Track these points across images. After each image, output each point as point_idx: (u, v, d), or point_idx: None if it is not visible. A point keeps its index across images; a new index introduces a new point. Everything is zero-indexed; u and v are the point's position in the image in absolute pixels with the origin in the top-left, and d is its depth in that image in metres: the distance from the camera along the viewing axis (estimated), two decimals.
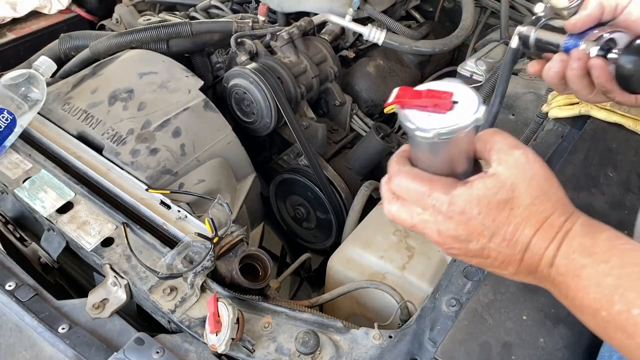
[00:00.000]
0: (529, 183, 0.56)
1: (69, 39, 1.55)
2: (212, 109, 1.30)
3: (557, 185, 0.58)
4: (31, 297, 0.94)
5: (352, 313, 1.14)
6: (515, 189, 0.56)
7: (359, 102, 1.66)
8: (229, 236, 0.98)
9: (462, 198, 0.56)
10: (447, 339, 0.75)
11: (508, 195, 0.56)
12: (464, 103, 0.54)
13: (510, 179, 0.56)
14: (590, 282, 0.53)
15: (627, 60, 0.70)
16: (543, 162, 0.58)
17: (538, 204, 0.56)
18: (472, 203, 0.56)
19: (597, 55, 0.73)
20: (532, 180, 0.56)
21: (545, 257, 0.56)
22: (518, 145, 0.58)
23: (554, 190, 0.57)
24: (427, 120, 0.54)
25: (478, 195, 0.56)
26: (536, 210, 0.56)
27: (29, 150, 1.17)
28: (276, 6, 1.72)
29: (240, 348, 0.85)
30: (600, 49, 0.73)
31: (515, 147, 0.58)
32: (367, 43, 1.71)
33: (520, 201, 0.56)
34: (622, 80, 0.72)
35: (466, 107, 0.54)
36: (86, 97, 1.28)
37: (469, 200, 0.56)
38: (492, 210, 0.56)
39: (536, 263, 0.57)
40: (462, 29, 1.64)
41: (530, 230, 0.56)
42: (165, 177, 1.16)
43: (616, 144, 1.02)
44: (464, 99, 0.55)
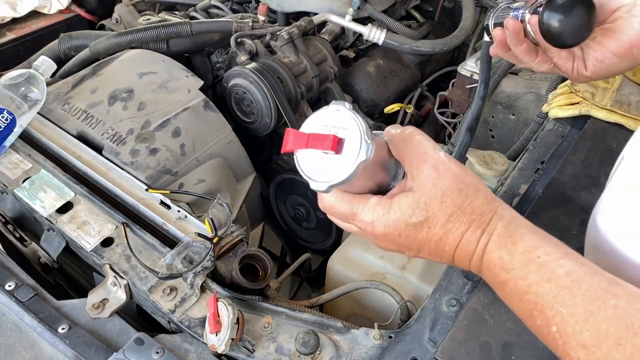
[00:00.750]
0: (441, 200, 0.56)
1: (69, 38, 1.55)
2: (212, 109, 1.30)
3: (473, 192, 0.57)
4: (31, 297, 0.94)
5: (352, 313, 1.14)
6: (429, 208, 0.56)
7: (359, 102, 1.66)
8: (229, 236, 0.98)
9: (382, 223, 0.58)
10: (447, 339, 0.75)
11: (423, 216, 0.57)
12: (350, 138, 0.54)
13: (423, 198, 0.56)
14: (513, 297, 0.55)
15: (547, 14, 0.73)
16: (456, 168, 0.57)
17: (453, 220, 0.56)
18: (392, 227, 0.58)
19: (531, 15, 0.77)
20: (445, 197, 0.56)
21: (472, 267, 0.58)
22: (427, 156, 0.58)
23: (469, 200, 0.57)
24: (320, 167, 0.55)
25: (395, 220, 0.57)
26: (452, 228, 0.57)
27: (28, 150, 1.17)
28: (276, 6, 1.72)
29: (240, 348, 0.85)
30: (533, 12, 0.77)
31: (425, 160, 0.57)
32: (367, 43, 1.71)
33: (436, 220, 0.57)
34: (545, 35, 0.75)
35: (353, 144, 0.53)
36: (86, 97, 1.28)
37: (388, 225, 0.58)
38: (412, 232, 0.57)
39: (466, 267, 0.59)
40: (462, 28, 1.64)
41: (450, 247, 0.57)
42: (165, 177, 1.16)
43: (616, 144, 1.02)
44: (350, 133, 0.54)
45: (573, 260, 0.53)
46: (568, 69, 0.82)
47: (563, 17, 0.72)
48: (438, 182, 0.56)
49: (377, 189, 0.62)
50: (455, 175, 0.57)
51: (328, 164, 0.54)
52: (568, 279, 0.51)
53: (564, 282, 0.51)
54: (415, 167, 0.58)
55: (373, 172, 0.59)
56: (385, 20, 1.62)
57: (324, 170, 0.55)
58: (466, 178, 0.57)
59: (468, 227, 0.56)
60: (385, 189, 0.62)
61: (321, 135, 0.54)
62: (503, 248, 0.55)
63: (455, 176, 0.57)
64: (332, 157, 0.54)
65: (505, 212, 0.57)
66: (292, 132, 0.55)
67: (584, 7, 0.72)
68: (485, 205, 0.57)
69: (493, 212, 0.57)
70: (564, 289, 0.50)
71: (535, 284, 0.52)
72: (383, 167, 0.61)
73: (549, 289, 0.51)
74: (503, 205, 0.58)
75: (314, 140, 0.54)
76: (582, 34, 0.74)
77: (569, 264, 0.52)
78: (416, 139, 0.59)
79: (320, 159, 0.55)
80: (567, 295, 0.50)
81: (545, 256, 0.53)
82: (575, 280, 0.51)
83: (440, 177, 0.56)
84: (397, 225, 0.57)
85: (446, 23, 1.91)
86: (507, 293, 0.56)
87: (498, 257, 0.55)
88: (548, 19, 0.73)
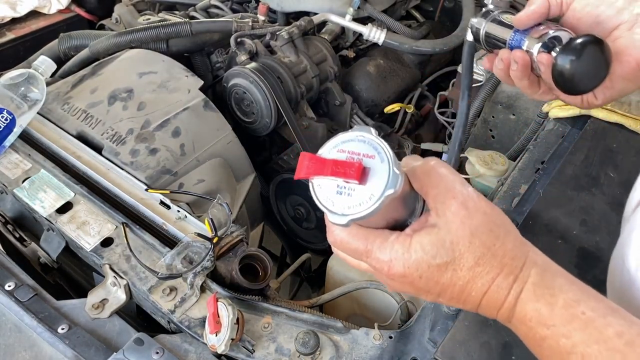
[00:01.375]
0: (470, 241, 0.51)
1: (69, 38, 1.55)
2: (212, 109, 1.30)
3: (504, 234, 0.52)
4: (31, 297, 0.94)
5: (352, 313, 1.14)
6: (456, 249, 0.51)
7: (359, 102, 1.66)
8: (229, 236, 0.98)
9: (401, 262, 0.52)
10: (447, 339, 0.75)
11: (449, 257, 0.51)
12: (376, 168, 0.48)
13: (450, 237, 0.51)
14: (553, 355, 0.50)
15: (562, 60, 0.68)
16: (486, 207, 0.53)
17: (482, 264, 0.51)
18: (412, 268, 0.52)
19: (541, 52, 0.72)
20: (474, 238, 0.51)
21: (500, 316, 0.53)
22: (455, 191, 0.52)
23: (500, 243, 0.51)
24: (339, 197, 0.49)
25: (417, 260, 0.51)
26: (481, 272, 0.51)
27: (28, 150, 1.17)
28: (276, 6, 1.72)
29: (240, 348, 0.84)
30: (542, 46, 0.72)
31: (453, 196, 0.52)
32: (367, 43, 1.71)
33: (463, 262, 0.51)
34: (556, 80, 0.70)
35: (379, 174, 0.48)
36: (86, 97, 1.28)
37: (408, 265, 0.52)
38: (434, 274, 0.52)
39: (492, 316, 0.54)
40: (462, 28, 1.63)
41: (477, 293, 0.52)
42: (164, 177, 1.16)
43: (617, 144, 1.02)
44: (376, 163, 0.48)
45: (622, 319, 0.49)
46: (577, 102, 0.77)
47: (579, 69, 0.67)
48: (467, 220, 0.51)
49: (394, 225, 0.56)
50: (485, 214, 0.52)
51: (349, 194, 0.49)
52: (620, 341, 0.47)
53: (615, 345, 0.47)
54: (441, 202, 0.52)
55: (394, 206, 0.53)
56: (386, 20, 1.62)
57: (344, 201, 0.49)
58: (497, 218, 0.53)
59: (499, 272, 0.51)
60: (401, 224, 0.56)
61: (345, 162, 0.48)
62: (541, 300, 0.50)
63: (485, 215, 0.52)
64: (355, 187, 0.48)
65: (538, 258, 0.53)
66: (308, 156, 0.49)
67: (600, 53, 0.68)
68: (517, 248, 0.52)
69: (525, 257, 0.52)
70: (616, 353, 0.47)
71: (581, 343, 0.48)
72: (404, 202, 0.55)
73: (598, 351, 0.47)
74: (534, 249, 0.54)
75: (336, 168, 0.48)
76: (598, 80, 0.70)
77: (618, 322, 0.48)
78: (441, 172, 0.54)
79: (340, 188, 0.49)
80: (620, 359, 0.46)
81: (591, 312, 0.49)
82: (628, 342, 0.47)
83: (469, 216, 0.51)
84: (418, 266, 0.51)
85: (446, 23, 1.91)
86: (545, 349, 0.51)
87: (534, 310, 0.50)
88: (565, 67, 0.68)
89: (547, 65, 0.71)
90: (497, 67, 0.78)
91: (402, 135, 1.66)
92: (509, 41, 0.77)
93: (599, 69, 0.69)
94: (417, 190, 0.55)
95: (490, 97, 1.42)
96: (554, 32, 0.72)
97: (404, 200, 0.54)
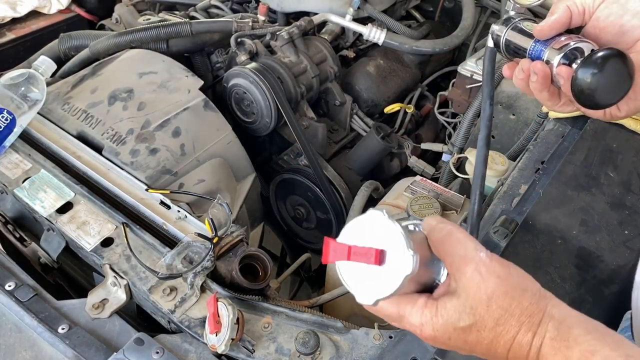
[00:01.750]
0: (487, 304, 0.55)
1: (69, 38, 1.55)
2: (212, 109, 1.30)
3: (520, 294, 0.55)
4: (31, 297, 0.94)
5: (352, 313, 1.14)
6: (476, 313, 0.55)
7: (359, 102, 1.66)
8: (229, 236, 0.98)
9: (430, 326, 0.57)
10: None
11: (471, 321, 0.55)
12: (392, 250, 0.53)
13: (469, 302, 0.55)
14: None
15: (582, 74, 0.66)
16: (499, 269, 0.56)
17: (502, 324, 0.55)
18: (440, 331, 0.56)
19: (562, 64, 0.70)
20: (490, 301, 0.55)
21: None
22: (468, 258, 0.56)
23: (516, 303, 0.55)
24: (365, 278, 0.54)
25: (444, 324, 0.56)
26: (501, 331, 0.55)
27: (28, 150, 1.17)
28: (276, 6, 1.72)
29: (240, 348, 0.84)
30: (563, 57, 0.70)
31: (466, 262, 0.56)
32: (367, 43, 1.71)
33: (484, 324, 0.55)
34: (576, 95, 0.68)
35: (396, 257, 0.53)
36: (86, 97, 1.28)
37: (437, 329, 0.56)
38: (461, 335, 0.56)
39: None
40: (462, 28, 1.64)
41: (503, 350, 0.56)
42: (165, 177, 1.16)
43: (617, 144, 1.02)
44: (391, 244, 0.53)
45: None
46: (599, 115, 0.76)
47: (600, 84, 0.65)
48: (482, 285, 0.55)
49: (423, 287, 0.61)
50: (499, 278, 0.55)
51: (372, 276, 0.53)
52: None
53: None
54: (457, 269, 0.56)
55: (418, 274, 0.57)
56: (386, 20, 1.62)
57: (369, 282, 0.54)
58: (511, 280, 0.56)
59: (518, 330, 0.55)
60: (431, 284, 0.61)
61: (362, 248, 0.53)
62: (558, 353, 0.53)
63: (499, 278, 0.55)
64: (376, 269, 0.53)
65: (555, 310, 0.55)
66: (332, 243, 0.54)
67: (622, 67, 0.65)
68: (534, 305, 0.55)
69: (543, 312, 0.55)
70: None
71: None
72: (427, 266, 0.59)
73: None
74: (553, 301, 0.56)
75: (356, 254, 0.53)
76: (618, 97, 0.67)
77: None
78: (455, 239, 0.58)
79: (364, 270, 0.54)
80: None
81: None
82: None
83: (483, 281, 0.55)
84: (445, 329, 0.56)
85: (446, 23, 1.91)
86: None
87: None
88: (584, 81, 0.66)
89: (567, 79, 0.69)
90: (517, 77, 0.77)
91: (402, 135, 1.66)
92: (530, 51, 0.75)
93: (620, 83, 0.66)
94: (437, 255, 0.59)
95: None
96: (575, 44, 0.69)
97: (425, 265, 0.59)
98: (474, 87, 1.51)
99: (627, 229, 0.88)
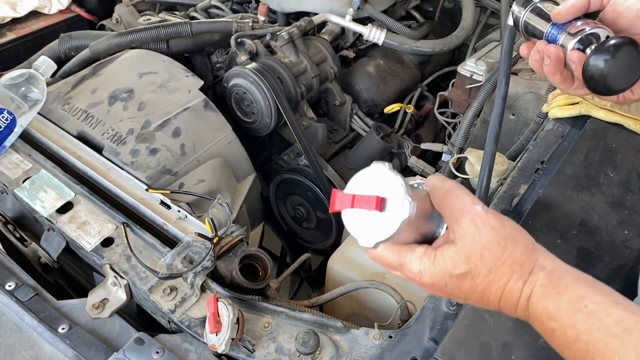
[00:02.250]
0: (481, 253, 0.58)
1: (69, 38, 1.55)
2: (212, 109, 1.30)
3: (512, 244, 0.58)
4: (31, 297, 0.94)
5: (352, 313, 1.14)
6: (471, 261, 0.58)
7: (359, 102, 1.66)
8: (229, 236, 0.98)
9: (428, 274, 0.60)
10: (447, 339, 0.75)
11: (465, 268, 0.58)
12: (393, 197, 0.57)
13: (464, 251, 0.58)
14: (562, 345, 0.56)
15: (593, 60, 0.68)
16: (493, 221, 0.59)
17: (494, 271, 0.58)
18: (437, 278, 0.60)
19: (575, 48, 0.71)
20: (484, 250, 0.58)
21: (519, 315, 0.59)
22: (465, 211, 0.59)
23: (508, 252, 0.58)
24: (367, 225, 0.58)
25: (440, 271, 0.59)
26: (494, 279, 0.58)
27: (28, 150, 1.17)
28: (276, 6, 1.72)
29: (240, 348, 0.85)
30: (578, 42, 0.71)
31: (463, 214, 0.59)
32: (367, 43, 1.71)
33: (478, 271, 0.58)
34: (586, 80, 0.70)
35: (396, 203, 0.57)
36: (86, 97, 1.28)
37: (434, 276, 0.60)
38: (456, 282, 0.59)
39: (513, 315, 0.60)
40: (462, 28, 1.64)
41: (495, 297, 0.59)
42: (165, 177, 1.16)
43: (616, 144, 1.02)
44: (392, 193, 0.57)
45: (623, 309, 0.53)
46: (613, 98, 0.79)
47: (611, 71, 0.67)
48: (477, 236, 0.58)
49: (423, 238, 0.64)
50: (492, 229, 0.58)
51: (374, 221, 0.57)
52: (618, 328, 0.51)
53: (614, 332, 0.51)
54: (454, 221, 0.60)
55: (417, 224, 0.62)
56: (385, 20, 1.62)
57: (371, 227, 0.58)
58: (504, 231, 0.59)
59: (509, 277, 0.57)
60: (431, 237, 0.65)
61: (365, 196, 0.58)
62: (548, 298, 0.56)
63: (493, 230, 0.58)
64: (377, 215, 0.57)
65: (547, 262, 0.58)
66: (338, 193, 0.59)
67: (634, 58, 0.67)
68: (526, 256, 0.58)
69: (534, 263, 0.58)
70: (615, 338, 0.51)
71: (584, 332, 0.53)
72: (427, 219, 0.63)
73: (599, 338, 0.52)
74: (545, 255, 0.59)
75: (359, 201, 0.58)
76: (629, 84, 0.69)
77: (618, 312, 0.52)
78: (455, 194, 0.61)
79: (366, 217, 0.58)
80: (619, 345, 0.51)
81: (593, 305, 0.53)
82: (626, 329, 0.51)
83: (478, 231, 0.58)
84: (442, 277, 0.59)
85: (446, 23, 1.91)
86: (556, 341, 0.56)
87: (544, 308, 0.56)
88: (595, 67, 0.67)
89: (578, 64, 0.70)
90: (532, 58, 0.79)
91: (402, 135, 1.66)
92: (546, 34, 0.76)
93: (631, 71, 0.68)
94: (437, 209, 0.63)
95: (490, 97, 1.42)
96: (591, 29, 0.70)
97: (426, 217, 0.63)
98: (473, 87, 1.51)
99: (627, 229, 0.88)
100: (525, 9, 0.79)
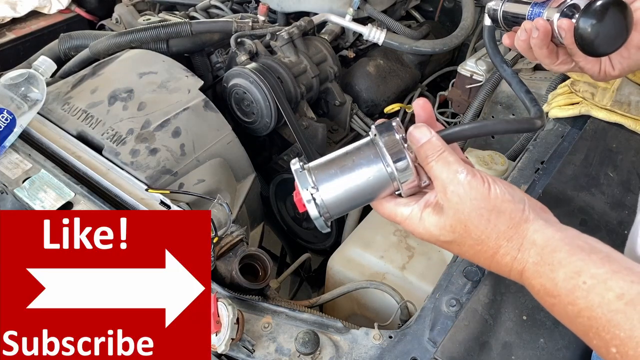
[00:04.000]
0: (465, 224, 0.57)
1: (69, 38, 1.55)
2: (212, 109, 1.30)
3: (495, 217, 0.56)
4: None
5: (352, 313, 1.14)
6: (456, 231, 0.58)
7: (359, 102, 1.66)
8: (229, 236, 0.98)
9: (420, 231, 0.61)
10: (447, 339, 0.75)
11: (450, 238, 0.59)
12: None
13: (448, 222, 0.58)
14: (563, 319, 0.54)
15: (584, 22, 0.71)
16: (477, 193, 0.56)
17: (480, 243, 0.57)
18: (426, 236, 0.61)
19: (563, 17, 0.74)
20: (468, 222, 0.57)
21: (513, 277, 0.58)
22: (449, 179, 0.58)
23: (492, 226, 0.56)
24: None
25: (428, 233, 0.60)
26: (480, 250, 0.58)
27: (28, 150, 1.17)
28: (276, 6, 1.72)
29: (240, 348, 0.84)
30: (561, 15, 0.75)
31: (446, 184, 0.58)
32: (367, 43, 1.71)
33: (464, 241, 0.58)
34: (580, 43, 0.73)
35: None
36: (86, 97, 1.28)
37: (422, 234, 0.61)
38: (444, 245, 0.61)
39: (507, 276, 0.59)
40: (462, 28, 1.64)
41: (485, 264, 0.59)
42: (165, 177, 1.16)
43: (616, 144, 1.02)
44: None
45: (623, 280, 0.50)
46: (595, 71, 0.80)
47: (601, 29, 0.70)
48: (460, 207, 0.57)
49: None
50: (474, 200, 0.56)
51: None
52: (620, 302, 0.49)
53: (616, 307, 0.49)
54: (440, 189, 0.59)
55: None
56: (385, 20, 1.62)
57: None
58: (488, 203, 0.56)
59: (496, 252, 0.56)
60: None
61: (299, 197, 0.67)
62: (543, 276, 0.54)
63: (475, 201, 0.56)
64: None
65: (537, 235, 0.55)
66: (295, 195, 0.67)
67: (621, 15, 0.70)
68: (512, 229, 0.56)
69: (523, 238, 0.56)
70: (618, 313, 0.49)
71: (586, 309, 0.51)
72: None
73: (602, 314, 0.50)
74: (535, 226, 0.56)
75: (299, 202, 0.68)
76: (619, 42, 0.72)
77: (618, 285, 0.50)
78: (444, 160, 0.59)
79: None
80: (623, 319, 0.49)
81: (591, 280, 0.51)
82: (628, 302, 0.49)
83: (461, 202, 0.57)
84: (430, 236, 0.61)
85: (446, 23, 1.91)
86: (556, 313, 0.55)
87: (540, 285, 0.54)
88: (586, 28, 0.70)
89: (568, 30, 0.73)
90: (519, 39, 0.81)
91: None
92: (529, 15, 0.80)
93: (619, 30, 0.71)
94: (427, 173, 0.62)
95: (490, 97, 1.42)
96: (571, 1, 0.74)
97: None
98: (473, 87, 1.51)
99: (627, 229, 0.88)
100: (502, 1, 0.85)
